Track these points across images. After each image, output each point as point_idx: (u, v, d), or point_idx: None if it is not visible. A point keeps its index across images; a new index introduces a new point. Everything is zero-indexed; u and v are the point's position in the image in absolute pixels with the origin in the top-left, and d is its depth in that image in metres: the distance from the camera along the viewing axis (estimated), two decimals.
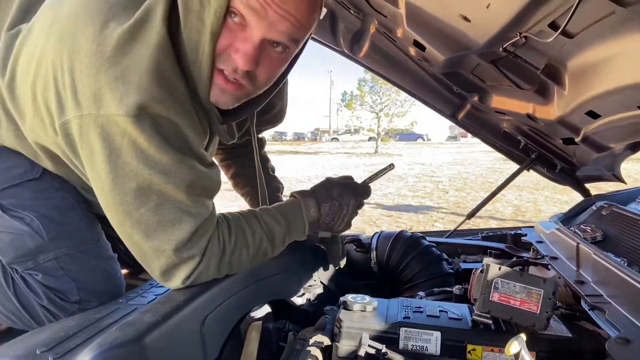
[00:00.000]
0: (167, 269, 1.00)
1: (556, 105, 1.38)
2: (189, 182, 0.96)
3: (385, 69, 2.01)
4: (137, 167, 0.90)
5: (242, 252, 1.11)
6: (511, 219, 7.69)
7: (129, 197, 0.93)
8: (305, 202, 1.25)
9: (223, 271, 1.09)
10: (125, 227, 0.97)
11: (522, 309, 1.00)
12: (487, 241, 1.92)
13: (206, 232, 1.02)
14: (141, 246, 0.98)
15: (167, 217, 0.95)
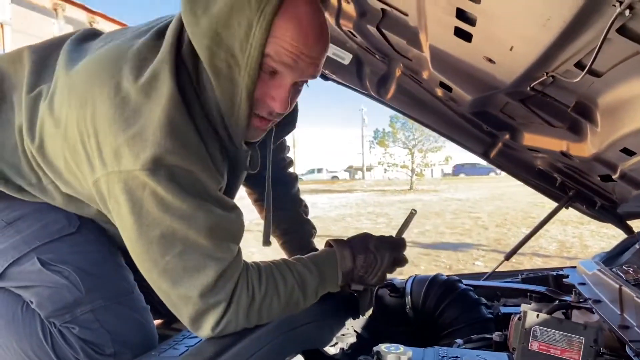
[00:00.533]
0: (196, 316, 1.01)
1: (590, 142, 1.34)
2: (210, 226, 0.99)
3: (413, 110, 2.02)
4: (158, 215, 0.95)
5: (272, 300, 1.10)
6: (556, 256, 7.42)
7: (153, 246, 0.97)
8: (340, 251, 1.24)
9: (253, 320, 1.08)
10: (153, 275, 1.00)
11: (563, 357, 0.95)
12: (527, 283, 1.85)
13: (232, 276, 1.03)
14: (169, 294, 1.01)
15: (191, 263, 0.98)
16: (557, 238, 8.97)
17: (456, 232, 10.62)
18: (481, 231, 10.62)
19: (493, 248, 8.43)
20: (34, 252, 1.07)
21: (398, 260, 1.34)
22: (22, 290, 1.09)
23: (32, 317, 1.07)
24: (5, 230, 1.09)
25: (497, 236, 9.84)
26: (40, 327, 1.07)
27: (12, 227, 1.09)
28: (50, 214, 1.12)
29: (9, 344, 1.07)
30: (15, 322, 1.07)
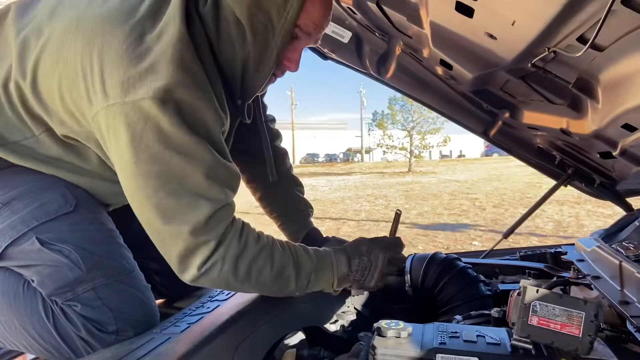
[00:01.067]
0: (185, 253, 1.02)
1: (590, 119, 1.34)
2: (208, 166, 1.01)
3: (413, 89, 2.00)
4: (158, 150, 0.96)
5: (265, 264, 1.09)
6: (552, 235, 7.47)
7: (150, 181, 0.98)
8: (336, 256, 1.23)
9: (240, 273, 1.06)
10: (145, 212, 1.01)
11: (563, 332, 0.96)
12: (525, 260, 1.86)
13: (224, 219, 1.05)
14: (160, 231, 1.02)
15: (184, 200, 1.00)
16: (553, 218, 9.02)
17: (454, 213, 10.66)
18: (479, 212, 10.67)
19: (490, 228, 8.48)
20: (32, 231, 1.07)
21: (393, 259, 1.31)
22: (23, 269, 1.09)
23: (33, 296, 1.07)
24: (2, 211, 1.08)
25: (494, 217, 9.90)
26: (42, 306, 1.07)
27: (8, 208, 1.08)
28: (45, 193, 1.11)
29: (10, 322, 1.08)
30: (16, 301, 1.07)
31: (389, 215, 10.80)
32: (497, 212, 10.53)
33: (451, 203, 12.33)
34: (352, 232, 8.94)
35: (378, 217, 10.72)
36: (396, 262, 1.32)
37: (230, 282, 1.07)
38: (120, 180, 1.03)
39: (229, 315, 1.09)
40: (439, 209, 11.51)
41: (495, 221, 9.26)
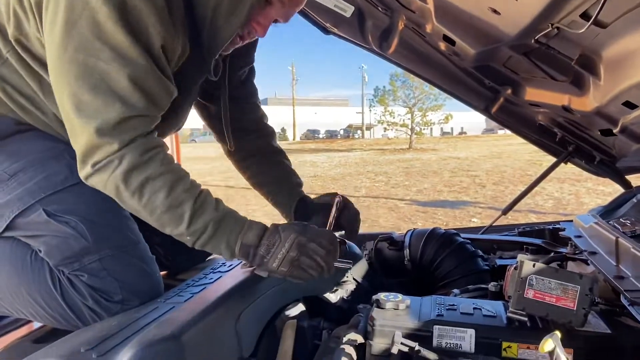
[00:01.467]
0: (86, 149, 1.01)
1: (592, 96, 1.34)
2: (136, 69, 0.99)
3: (415, 65, 1.99)
4: (88, 39, 0.95)
5: (162, 188, 1.04)
6: (552, 213, 7.50)
7: (73, 68, 0.97)
8: (250, 223, 1.13)
9: (132, 184, 1.02)
10: (63, 97, 1.00)
11: (558, 305, 0.98)
12: (523, 237, 1.88)
13: (135, 128, 1.03)
14: (71, 120, 1.01)
15: (100, 97, 0.98)
16: (553, 195, 9.04)
17: (454, 190, 10.68)
18: (478, 189, 10.69)
19: (490, 205, 8.51)
20: (39, 203, 1.08)
21: (303, 247, 1.11)
22: (30, 240, 1.10)
23: (41, 265, 1.10)
24: (9, 183, 1.09)
25: (494, 194, 9.91)
26: (49, 275, 1.09)
27: (15, 180, 1.09)
28: (51, 164, 1.12)
29: (18, 291, 1.10)
30: (24, 270, 1.09)
31: (388, 192, 10.83)
32: (497, 189, 10.55)
33: (451, 180, 12.34)
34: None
35: (378, 193, 10.75)
36: (306, 251, 1.11)
37: (121, 191, 1.03)
38: (48, 62, 1.02)
39: (231, 286, 1.12)
40: (439, 186, 11.52)
41: (495, 198, 9.29)
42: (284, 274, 1.12)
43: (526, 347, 0.99)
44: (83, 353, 0.85)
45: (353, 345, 1.11)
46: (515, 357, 0.99)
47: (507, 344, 1.00)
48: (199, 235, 1.08)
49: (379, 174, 14.61)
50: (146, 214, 1.06)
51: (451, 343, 1.02)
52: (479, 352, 1.00)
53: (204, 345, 0.94)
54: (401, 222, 7.35)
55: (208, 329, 0.96)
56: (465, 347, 1.01)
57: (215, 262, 1.42)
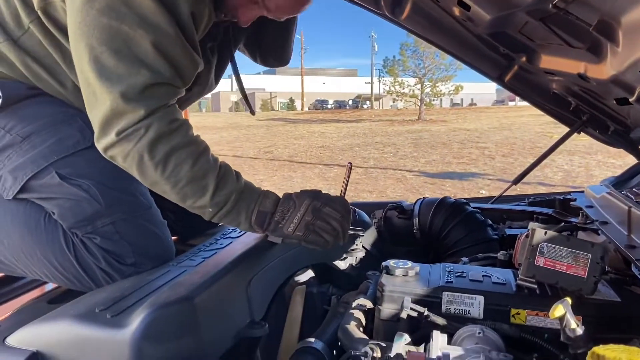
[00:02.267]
0: (110, 115, 0.97)
1: (609, 63, 1.31)
2: (162, 35, 0.97)
3: (428, 32, 1.95)
4: (114, 1, 0.93)
5: (187, 159, 1.02)
6: (561, 185, 7.46)
7: (96, 31, 0.94)
8: (266, 192, 1.15)
9: (157, 154, 0.99)
10: (83, 62, 0.97)
11: (568, 273, 0.98)
12: (534, 206, 1.88)
13: (160, 96, 1.00)
14: (93, 86, 0.97)
15: (125, 62, 0.96)
16: (563, 168, 8.98)
17: (463, 162, 10.64)
18: (487, 161, 10.64)
19: (499, 177, 8.48)
20: (52, 166, 1.09)
21: (318, 211, 1.12)
22: (44, 202, 1.11)
23: (54, 227, 1.11)
24: (22, 145, 1.10)
25: (503, 166, 9.87)
26: (63, 237, 1.10)
27: (28, 142, 1.10)
28: (63, 128, 1.12)
29: (33, 252, 1.12)
30: (38, 232, 1.10)
31: (396, 163, 10.81)
32: (507, 161, 10.48)
33: (460, 152, 12.28)
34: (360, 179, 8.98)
35: (386, 164, 10.73)
36: (321, 215, 1.12)
37: (145, 161, 1.00)
38: (69, 31, 0.99)
39: (242, 251, 1.13)
40: (447, 157, 11.47)
41: (504, 170, 9.24)
42: (299, 239, 1.12)
43: (535, 313, 0.99)
44: (97, 313, 0.87)
45: (362, 310, 1.13)
46: (524, 323, 1.00)
47: (515, 311, 1.01)
48: (222, 207, 1.07)
49: (387, 145, 14.56)
50: (168, 185, 1.03)
51: (460, 309, 1.03)
52: (487, 319, 1.01)
53: (216, 308, 0.96)
54: (409, 193, 7.36)
55: (220, 292, 0.97)
56: (474, 313, 1.02)
57: (226, 228, 1.43)
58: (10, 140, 1.10)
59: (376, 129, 20.52)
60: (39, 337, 0.90)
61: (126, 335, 0.82)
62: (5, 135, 1.10)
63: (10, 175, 1.10)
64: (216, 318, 0.95)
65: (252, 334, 1.03)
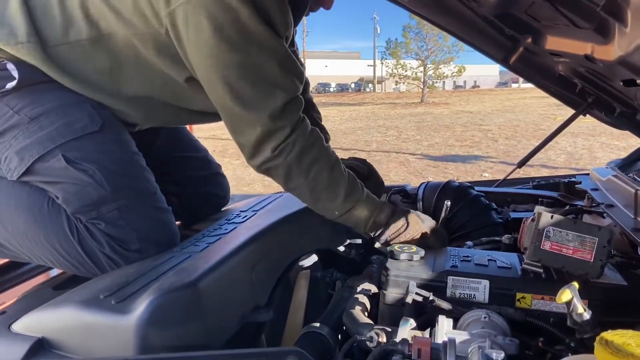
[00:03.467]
0: (262, 137, 1.11)
1: (617, 44, 1.28)
2: (281, 56, 1.10)
3: (431, 12, 1.92)
4: (237, 39, 1.04)
5: (324, 168, 1.17)
6: (564, 167, 7.43)
7: (230, 70, 1.07)
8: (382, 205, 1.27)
9: (303, 163, 1.15)
10: (227, 100, 1.10)
11: (575, 257, 0.98)
12: (538, 190, 1.87)
13: (296, 108, 1.15)
14: (241, 117, 1.11)
15: (262, 88, 1.09)
16: (566, 150, 8.94)
17: (465, 145, 10.60)
18: (490, 143, 10.59)
19: (502, 160, 8.45)
20: (59, 149, 1.08)
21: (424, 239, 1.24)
22: (48, 186, 1.11)
23: (58, 212, 1.10)
24: (29, 126, 1.09)
25: (506, 148, 9.83)
26: (67, 222, 1.10)
27: (36, 123, 1.09)
28: (72, 111, 1.12)
29: (37, 237, 1.12)
30: (42, 216, 1.10)
31: (399, 146, 10.77)
32: (510, 144, 10.44)
33: (463, 134, 12.23)
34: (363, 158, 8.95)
35: (389, 148, 10.70)
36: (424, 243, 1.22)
37: (293, 170, 1.15)
38: (199, 75, 1.10)
39: (246, 236, 1.12)
40: (450, 140, 11.43)
41: (507, 153, 9.20)
42: None
43: (540, 297, 0.99)
44: (102, 299, 0.87)
45: (367, 294, 1.13)
46: (529, 307, 0.99)
47: (521, 295, 1.00)
48: (347, 210, 1.22)
49: (390, 128, 14.51)
50: (307, 189, 1.19)
51: (465, 293, 1.02)
52: (492, 303, 1.00)
53: (220, 294, 0.96)
54: (412, 177, 7.35)
55: (225, 278, 0.97)
56: (479, 297, 1.02)
57: (230, 213, 1.43)
58: (17, 120, 1.10)
59: (379, 112, 20.44)
60: (44, 323, 0.91)
61: (131, 321, 0.82)
62: (14, 115, 1.10)
63: (17, 156, 1.09)
64: (221, 303, 0.95)
65: (257, 319, 1.03)
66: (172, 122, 1.35)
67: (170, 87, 1.19)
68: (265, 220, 1.25)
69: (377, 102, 27.59)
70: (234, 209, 1.53)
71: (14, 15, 1.09)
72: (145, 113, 1.23)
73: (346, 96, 36.94)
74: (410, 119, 16.72)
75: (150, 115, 1.25)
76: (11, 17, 1.10)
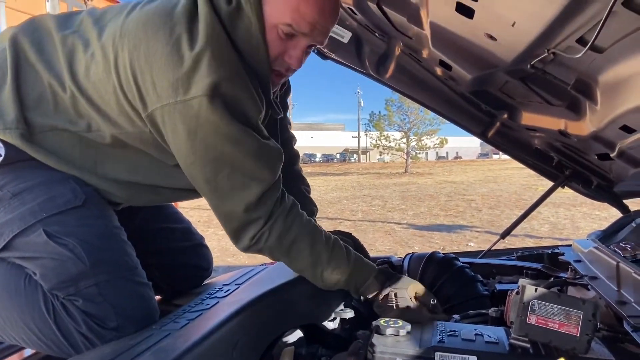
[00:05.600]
0: (239, 228, 1.17)
1: (589, 120, 1.35)
2: (254, 150, 1.12)
3: (412, 90, 2.01)
4: (211, 141, 1.07)
5: (304, 248, 1.22)
6: (548, 237, 7.49)
7: (207, 167, 1.11)
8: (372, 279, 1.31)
9: (283, 246, 1.20)
10: (206, 193, 1.16)
11: (561, 331, 0.97)
12: (522, 261, 1.87)
13: (271, 196, 1.17)
14: (218, 209, 1.17)
15: (238, 183, 1.12)
16: (549, 220, 9.05)
17: (450, 214, 10.68)
18: (474, 213, 10.70)
19: (486, 230, 8.50)
20: (40, 223, 1.07)
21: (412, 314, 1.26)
22: (26, 262, 1.09)
23: (34, 290, 1.07)
24: (11, 202, 1.09)
25: (490, 218, 9.92)
26: (43, 300, 1.07)
27: (18, 199, 1.09)
28: (56, 187, 1.12)
29: (10, 316, 1.08)
30: (17, 295, 1.07)
31: (385, 216, 10.81)
32: (493, 213, 10.56)
33: (447, 204, 12.36)
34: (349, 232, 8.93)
35: (375, 217, 10.73)
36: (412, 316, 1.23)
37: (275, 253, 1.22)
38: (182, 166, 1.15)
39: (228, 312, 1.09)
40: (435, 209, 11.53)
41: (492, 222, 9.28)
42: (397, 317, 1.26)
43: None
44: None
45: None
46: None
47: None
48: (332, 285, 1.28)
49: (375, 197, 14.63)
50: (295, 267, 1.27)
51: None
52: None
53: None
54: (398, 246, 7.32)
55: (204, 358, 0.93)
56: None
57: (212, 287, 1.40)
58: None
59: (364, 182, 20.67)
60: None
61: None
62: None
63: None
64: None
65: None
66: (156, 200, 1.35)
67: (156, 169, 1.22)
68: (247, 295, 1.23)
69: (362, 172, 27.99)
70: (217, 282, 1.51)
71: (6, 101, 1.12)
72: (129, 194, 1.24)
73: (331, 166, 37.46)
74: (395, 189, 16.92)
75: (135, 195, 1.26)
76: (2, 103, 1.12)
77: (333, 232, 1.52)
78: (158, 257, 1.42)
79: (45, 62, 1.15)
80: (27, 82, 1.14)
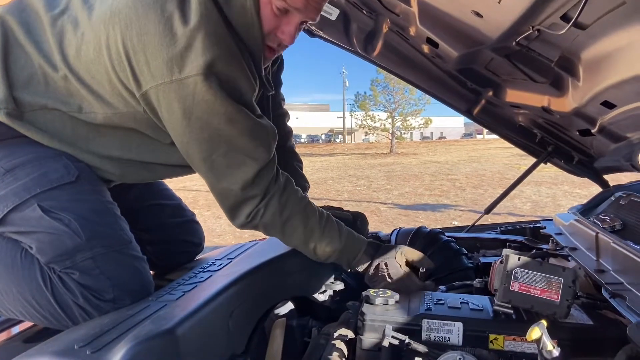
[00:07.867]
0: (235, 205, 1.20)
1: (571, 96, 1.38)
2: (249, 127, 1.13)
3: (399, 68, 2.03)
4: (207, 119, 1.08)
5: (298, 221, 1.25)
6: (530, 215, 7.62)
7: (203, 146, 1.12)
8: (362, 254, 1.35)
9: (275, 225, 1.24)
10: (202, 171, 1.17)
11: (542, 297, 1.01)
12: (506, 235, 1.92)
13: (267, 174, 1.20)
14: (215, 187, 1.19)
15: (234, 161, 1.14)
16: (531, 198, 9.20)
17: (434, 194, 10.79)
18: (458, 192, 10.82)
19: (470, 208, 8.62)
20: (34, 198, 1.08)
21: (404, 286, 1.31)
22: (21, 236, 1.10)
23: (31, 263, 1.09)
24: (4, 178, 1.09)
25: (474, 197, 10.05)
26: (40, 273, 1.08)
27: (11, 175, 1.09)
28: (48, 163, 1.12)
29: (8, 289, 1.09)
30: (14, 268, 1.08)
31: (370, 196, 10.89)
32: (477, 192, 10.70)
33: (432, 184, 12.48)
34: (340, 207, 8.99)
35: (360, 197, 10.81)
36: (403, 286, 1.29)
37: (270, 229, 1.25)
38: (178, 146, 1.16)
39: (222, 284, 1.12)
40: (419, 189, 11.64)
41: (475, 201, 9.41)
42: None
43: (512, 338, 1.01)
44: (77, 350, 0.85)
45: (344, 340, 1.13)
46: (502, 348, 1.01)
47: (493, 336, 1.02)
48: (325, 259, 1.33)
49: (360, 177, 14.70)
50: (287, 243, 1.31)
51: (439, 336, 1.04)
52: (466, 345, 1.02)
53: (197, 342, 0.95)
54: (383, 225, 7.40)
55: (201, 326, 0.96)
56: (453, 339, 1.03)
57: (205, 262, 1.42)
58: None
59: (349, 162, 20.72)
60: None
61: None
62: None
63: None
64: (198, 351, 0.94)
65: None
66: (150, 177, 1.36)
67: (150, 146, 1.22)
68: (241, 268, 1.26)
69: (348, 153, 28.02)
70: (209, 257, 1.53)
71: None
72: (122, 171, 1.24)
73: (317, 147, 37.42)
74: (380, 169, 17.00)
75: (128, 172, 1.26)
76: None
77: (325, 208, 1.55)
78: (151, 233, 1.44)
79: (35, 42, 1.14)
80: (17, 63, 1.13)
